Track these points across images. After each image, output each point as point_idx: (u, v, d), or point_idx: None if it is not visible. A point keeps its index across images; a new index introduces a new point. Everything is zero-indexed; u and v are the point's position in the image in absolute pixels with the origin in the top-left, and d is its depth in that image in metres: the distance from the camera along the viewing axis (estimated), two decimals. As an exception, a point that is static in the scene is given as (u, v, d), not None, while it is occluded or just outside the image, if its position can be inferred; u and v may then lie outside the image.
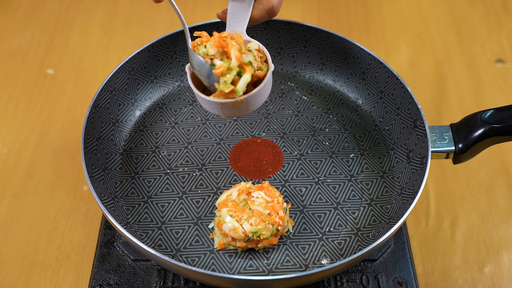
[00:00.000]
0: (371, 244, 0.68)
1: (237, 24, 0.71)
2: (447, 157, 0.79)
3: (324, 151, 0.85)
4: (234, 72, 0.66)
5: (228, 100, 0.67)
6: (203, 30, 0.91)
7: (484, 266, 0.89)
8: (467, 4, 1.26)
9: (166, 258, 0.66)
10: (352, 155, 0.84)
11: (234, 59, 0.66)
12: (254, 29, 0.92)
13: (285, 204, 0.75)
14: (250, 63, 0.67)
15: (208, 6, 1.23)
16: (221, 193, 0.79)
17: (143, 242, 0.71)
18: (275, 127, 0.87)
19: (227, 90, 0.66)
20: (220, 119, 0.88)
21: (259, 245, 0.72)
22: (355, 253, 0.74)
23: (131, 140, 0.85)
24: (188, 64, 0.70)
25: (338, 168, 0.83)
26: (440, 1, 1.27)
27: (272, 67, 0.69)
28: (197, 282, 0.75)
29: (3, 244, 0.88)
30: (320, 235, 0.76)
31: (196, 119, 0.88)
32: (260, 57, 0.70)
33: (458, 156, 0.78)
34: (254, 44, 0.70)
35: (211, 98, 0.68)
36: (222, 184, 0.81)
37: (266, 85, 0.69)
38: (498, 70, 1.14)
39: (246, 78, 0.67)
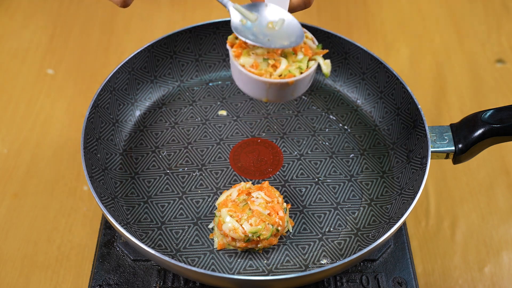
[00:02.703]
0: (371, 244, 0.68)
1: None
2: (447, 157, 0.79)
3: (324, 151, 0.85)
4: (306, 60, 0.67)
5: (280, 80, 0.65)
6: (204, 31, 0.91)
7: (484, 266, 0.89)
8: (467, 4, 1.26)
9: (166, 258, 0.66)
10: (352, 155, 0.84)
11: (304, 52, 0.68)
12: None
13: (285, 204, 0.75)
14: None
15: (208, 6, 1.23)
16: (221, 193, 0.79)
17: (143, 242, 0.71)
18: (275, 127, 0.87)
19: (297, 74, 0.66)
20: (220, 119, 0.88)
21: (259, 245, 0.72)
22: (355, 253, 0.74)
23: (131, 140, 0.85)
24: (229, 39, 0.68)
25: (338, 168, 0.83)
26: (440, 1, 1.27)
27: (322, 60, 0.69)
28: (197, 282, 0.75)
29: (3, 244, 0.88)
30: (320, 235, 0.76)
31: (196, 119, 0.88)
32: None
33: (458, 156, 0.78)
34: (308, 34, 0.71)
35: (262, 77, 0.66)
36: (222, 184, 0.81)
37: (313, 71, 0.68)
38: (498, 70, 1.14)
39: (315, 64, 0.68)
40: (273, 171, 0.82)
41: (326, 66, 0.68)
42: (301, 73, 0.67)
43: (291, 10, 0.71)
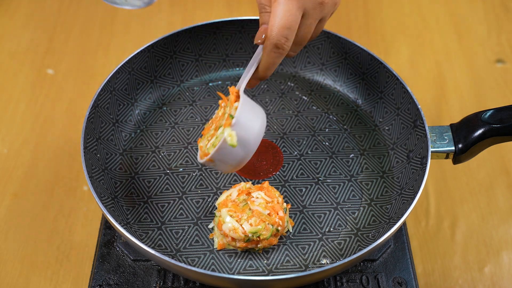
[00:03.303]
0: (371, 244, 0.68)
1: (241, 82, 0.73)
2: (447, 157, 0.79)
3: (324, 151, 0.85)
4: (223, 133, 0.68)
5: (200, 160, 0.71)
6: (204, 31, 0.91)
7: (484, 266, 0.89)
8: (467, 4, 1.26)
9: (166, 258, 0.66)
10: (352, 155, 0.84)
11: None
12: (253, 31, 0.92)
13: (285, 204, 0.75)
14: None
15: (208, 6, 1.23)
16: (221, 193, 0.79)
17: (143, 242, 0.71)
18: (275, 127, 0.87)
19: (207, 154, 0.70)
20: (220, 119, 0.88)
21: (259, 245, 0.72)
22: (355, 253, 0.74)
23: (131, 140, 0.86)
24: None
25: (338, 168, 0.83)
26: (440, 1, 1.27)
27: (228, 131, 0.67)
28: (197, 282, 0.75)
29: (3, 244, 0.88)
30: (320, 235, 0.76)
31: (196, 119, 0.88)
32: None
33: (458, 156, 0.78)
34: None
35: (198, 157, 0.72)
36: (222, 184, 0.81)
37: (219, 147, 0.68)
38: (498, 70, 1.14)
39: (222, 139, 0.67)
40: (273, 171, 0.82)
41: (230, 138, 0.67)
42: None
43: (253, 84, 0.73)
